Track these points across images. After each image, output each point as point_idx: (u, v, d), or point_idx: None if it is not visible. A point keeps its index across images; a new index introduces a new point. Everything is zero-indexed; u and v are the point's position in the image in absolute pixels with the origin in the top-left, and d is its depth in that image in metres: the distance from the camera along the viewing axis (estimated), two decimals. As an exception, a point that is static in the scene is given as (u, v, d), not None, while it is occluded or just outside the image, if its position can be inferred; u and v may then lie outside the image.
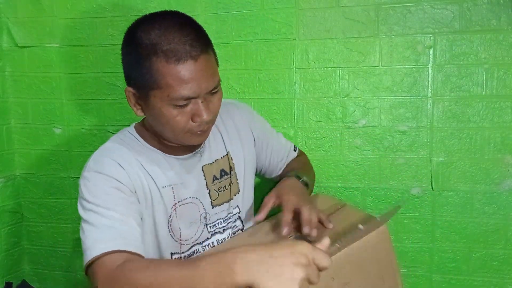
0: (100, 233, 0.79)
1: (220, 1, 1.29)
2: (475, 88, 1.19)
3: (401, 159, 1.25)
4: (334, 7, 1.23)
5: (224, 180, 1.00)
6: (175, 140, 0.89)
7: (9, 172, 1.49)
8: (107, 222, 0.80)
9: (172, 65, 0.79)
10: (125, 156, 0.89)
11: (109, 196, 0.83)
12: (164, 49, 0.78)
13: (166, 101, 0.81)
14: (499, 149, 1.19)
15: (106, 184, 0.84)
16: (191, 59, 0.79)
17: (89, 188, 0.84)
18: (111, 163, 0.86)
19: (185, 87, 0.80)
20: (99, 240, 0.78)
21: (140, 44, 0.81)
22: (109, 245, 0.77)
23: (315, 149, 1.30)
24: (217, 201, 0.98)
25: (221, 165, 1.00)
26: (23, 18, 1.42)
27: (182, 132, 0.85)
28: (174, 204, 0.93)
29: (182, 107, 0.82)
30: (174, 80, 0.79)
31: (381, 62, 1.23)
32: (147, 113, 0.87)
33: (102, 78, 1.40)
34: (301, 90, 1.28)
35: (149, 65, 0.80)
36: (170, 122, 0.83)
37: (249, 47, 1.29)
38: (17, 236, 1.52)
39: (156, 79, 0.80)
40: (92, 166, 0.86)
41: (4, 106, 1.46)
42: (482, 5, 1.16)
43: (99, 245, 0.77)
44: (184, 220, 0.94)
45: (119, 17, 1.36)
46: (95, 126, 1.43)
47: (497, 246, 1.22)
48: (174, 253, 0.95)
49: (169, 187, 0.92)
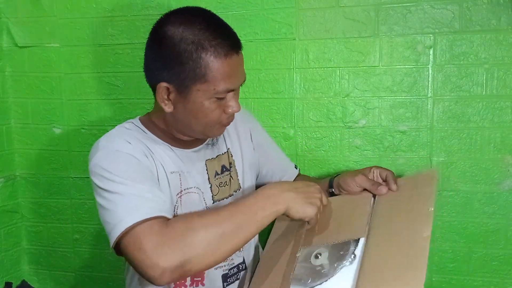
0: (132, 202, 0.76)
1: (220, 1, 1.29)
2: (475, 88, 1.19)
3: (401, 159, 1.25)
4: (334, 7, 1.23)
5: (225, 175, 1.01)
6: (202, 132, 0.91)
7: (9, 172, 1.49)
8: (137, 192, 0.77)
9: (221, 60, 0.82)
10: (133, 139, 0.88)
11: (132, 170, 0.81)
12: (213, 44, 0.81)
13: (210, 95, 0.83)
14: (499, 149, 1.19)
15: (126, 159, 0.83)
16: (235, 54, 0.84)
17: (106, 167, 0.81)
18: (122, 142, 0.85)
19: (229, 81, 0.84)
20: (134, 208, 0.75)
21: (182, 39, 0.81)
22: (148, 212, 0.75)
23: (315, 149, 1.30)
24: (218, 196, 0.99)
25: (222, 160, 1.01)
26: (23, 18, 1.42)
27: (214, 125, 0.88)
28: (180, 191, 0.93)
29: (221, 100, 0.85)
30: (222, 74, 0.82)
31: (381, 62, 1.23)
32: (181, 108, 0.87)
33: (102, 78, 1.40)
34: (301, 90, 1.28)
35: (196, 60, 0.81)
36: (208, 115, 0.86)
37: (249, 47, 1.29)
38: (17, 236, 1.52)
39: (205, 73, 0.82)
40: (103, 149, 0.84)
41: (4, 106, 1.46)
42: (482, 5, 1.16)
43: (135, 213, 0.74)
44: (188, 209, 0.94)
45: (119, 17, 1.36)
46: (95, 126, 1.43)
47: (497, 246, 1.22)
48: None
49: (176, 174, 0.92)
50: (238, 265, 1.01)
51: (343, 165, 1.28)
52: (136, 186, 0.79)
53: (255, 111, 1.31)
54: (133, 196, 0.77)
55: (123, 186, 0.78)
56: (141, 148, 0.87)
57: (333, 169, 1.28)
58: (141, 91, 1.37)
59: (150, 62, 0.88)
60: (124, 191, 0.78)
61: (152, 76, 0.88)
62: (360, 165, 1.27)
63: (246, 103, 1.31)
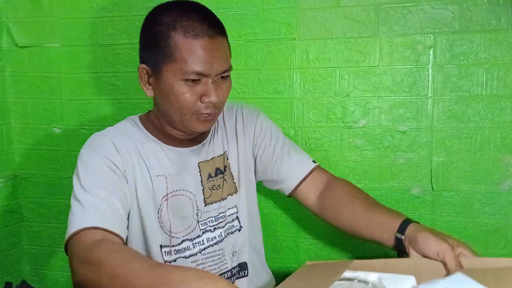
0: (82, 212, 0.81)
1: (220, 1, 1.29)
2: (475, 88, 1.19)
3: (401, 159, 1.25)
4: (334, 7, 1.23)
5: (218, 179, 1.00)
6: (180, 123, 0.90)
7: (9, 172, 1.49)
8: (92, 200, 0.82)
9: (189, 39, 0.83)
10: (123, 140, 0.92)
11: (99, 174, 0.86)
12: (184, 25, 0.83)
13: (179, 76, 0.84)
14: (499, 149, 1.19)
15: (99, 162, 0.87)
16: (207, 37, 0.84)
17: (83, 165, 0.87)
18: (107, 143, 0.89)
19: (198, 62, 0.83)
20: (80, 218, 0.80)
21: (159, 22, 0.85)
22: (87, 222, 0.79)
23: (315, 149, 1.30)
24: (210, 199, 0.98)
25: (217, 163, 1.01)
26: (23, 18, 1.42)
27: (189, 113, 0.87)
28: (166, 194, 0.93)
29: (192, 84, 0.85)
30: (189, 54, 0.83)
31: (381, 62, 1.23)
32: (157, 92, 0.89)
33: (102, 78, 1.40)
34: (301, 90, 1.28)
35: (166, 40, 0.84)
36: (179, 99, 0.86)
37: (249, 47, 1.29)
38: (17, 236, 1.52)
39: (173, 53, 0.83)
40: (89, 144, 0.91)
41: (4, 106, 1.46)
42: (482, 5, 1.16)
43: (78, 222, 0.80)
44: (176, 212, 0.94)
45: (119, 17, 1.36)
46: (95, 126, 1.43)
47: (497, 246, 1.22)
48: (164, 246, 0.94)
49: (162, 177, 0.93)
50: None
51: (343, 165, 1.28)
52: (95, 192, 0.83)
53: (255, 111, 1.31)
54: (87, 204, 0.82)
55: (83, 193, 0.83)
56: (126, 150, 0.90)
57: (333, 169, 1.28)
58: (141, 91, 1.35)
59: (140, 47, 0.92)
60: (82, 199, 0.83)
61: (139, 60, 0.92)
62: (360, 165, 1.27)
63: (246, 103, 1.31)
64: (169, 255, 0.94)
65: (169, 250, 0.94)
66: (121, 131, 0.95)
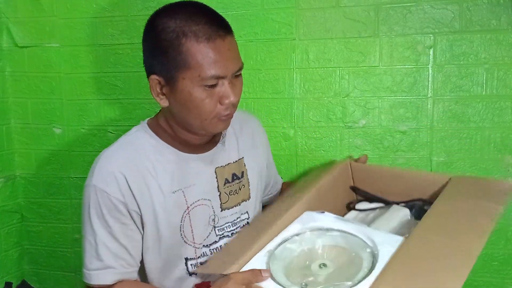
0: (97, 262, 0.87)
1: (220, 1, 1.29)
2: (475, 88, 1.19)
3: (401, 159, 1.25)
4: (334, 7, 1.23)
5: (235, 184, 0.99)
6: (200, 127, 0.88)
7: (9, 172, 1.49)
8: (106, 240, 0.87)
9: (202, 44, 0.80)
10: (135, 160, 0.88)
11: (110, 218, 0.87)
12: (193, 29, 0.80)
13: (196, 82, 0.81)
14: (499, 149, 1.19)
15: (107, 203, 0.86)
16: (219, 38, 0.81)
17: (93, 204, 0.87)
18: (113, 177, 0.86)
19: (215, 66, 0.81)
20: (96, 274, 0.88)
21: (165, 29, 0.82)
22: (104, 279, 0.87)
23: (315, 149, 1.30)
24: (227, 204, 0.97)
25: (233, 169, 0.99)
26: (23, 18, 1.42)
27: (210, 117, 0.85)
28: (187, 207, 0.91)
29: (211, 89, 0.83)
30: (204, 59, 0.80)
31: (381, 62, 1.23)
32: (173, 101, 0.86)
33: (102, 78, 1.40)
34: (301, 90, 1.28)
35: (177, 47, 0.81)
36: (199, 105, 0.83)
37: (249, 47, 1.29)
38: (17, 236, 1.52)
39: (186, 60, 0.81)
40: (96, 180, 0.88)
41: (4, 106, 1.46)
42: (482, 5, 1.16)
43: (94, 277, 0.88)
44: (197, 222, 0.93)
45: (119, 17, 1.36)
46: (95, 126, 1.43)
47: (497, 247, 1.22)
48: (190, 259, 0.93)
49: (179, 192, 0.90)
50: None
51: (343, 165, 1.28)
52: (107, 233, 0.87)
53: (255, 111, 1.31)
54: (103, 246, 0.87)
55: (95, 231, 0.87)
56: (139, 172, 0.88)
57: (333, 169, 1.28)
58: (141, 91, 1.37)
59: (144, 57, 0.89)
60: (97, 238, 0.87)
61: (146, 71, 0.89)
62: (360, 165, 1.27)
63: (246, 103, 1.31)
64: (194, 268, 0.93)
65: (196, 263, 0.93)
66: (126, 150, 0.90)
